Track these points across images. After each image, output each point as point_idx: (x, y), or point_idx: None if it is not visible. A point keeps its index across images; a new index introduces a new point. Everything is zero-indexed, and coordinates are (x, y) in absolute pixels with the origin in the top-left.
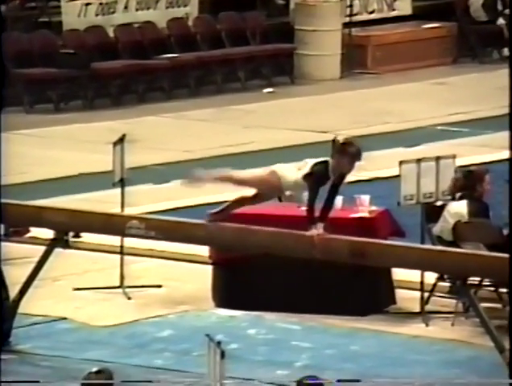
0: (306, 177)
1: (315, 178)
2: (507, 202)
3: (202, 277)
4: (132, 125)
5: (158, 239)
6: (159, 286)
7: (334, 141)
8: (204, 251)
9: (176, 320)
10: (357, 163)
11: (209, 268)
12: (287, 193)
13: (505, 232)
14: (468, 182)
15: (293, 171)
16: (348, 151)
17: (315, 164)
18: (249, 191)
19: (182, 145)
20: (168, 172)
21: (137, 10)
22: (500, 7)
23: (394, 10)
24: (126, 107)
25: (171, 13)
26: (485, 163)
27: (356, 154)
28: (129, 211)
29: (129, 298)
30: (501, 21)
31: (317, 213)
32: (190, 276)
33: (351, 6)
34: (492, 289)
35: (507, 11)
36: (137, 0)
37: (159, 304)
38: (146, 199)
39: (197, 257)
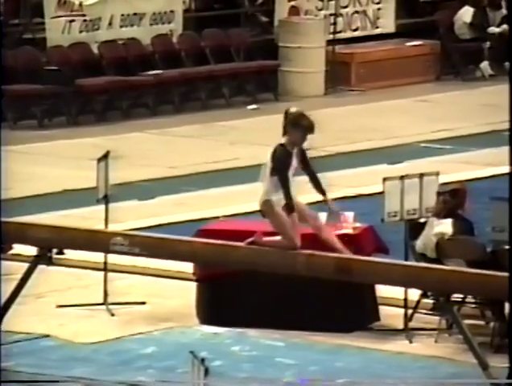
0: (273, 169)
1: (278, 164)
2: (491, 219)
3: (186, 294)
4: (116, 141)
5: (142, 255)
6: (143, 303)
7: (286, 113)
8: (188, 267)
9: (160, 337)
10: (309, 136)
11: (193, 285)
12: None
13: (489, 249)
14: (457, 200)
15: None
16: (300, 124)
17: (274, 151)
18: None
19: (166, 162)
20: (153, 188)
21: (121, 26)
22: (487, 24)
23: (377, 27)
24: (111, 123)
25: (156, 29)
26: (468, 180)
27: (308, 127)
28: (113, 227)
29: (112, 315)
30: (494, 29)
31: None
32: (174, 292)
33: (335, 23)
34: (475, 306)
35: (491, 29)
36: (121, 17)
37: (143, 321)
38: (130, 216)
39: (181, 274)
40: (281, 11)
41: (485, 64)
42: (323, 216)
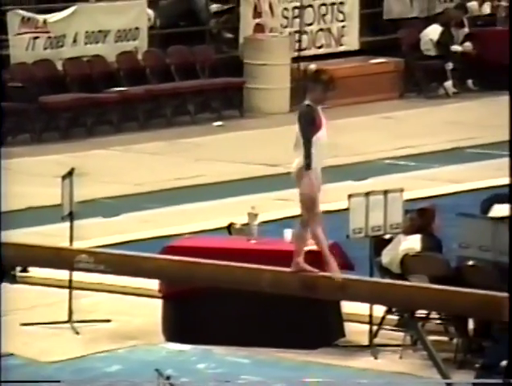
0: (299, 125)
1: (303, 121)
2: (459, 235)
3: (151, 311)
4: (81, 158)
5: (108, 272)
6: (108, 321)
7: (306, 71)
8: (153, 284)
9: (125, 355)
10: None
11: (159, 302)
12: (237, 226)
13: (453, 264)
14: (424, 220)
15: None
16: (320, 79)
17: (299, 112)
18: None
19: (131, 179)
20: (118, 205)
21: (86, 43)
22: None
23: (341, 45)
24: (75, 140)
25: (121, 47)
26: (432, 197)
27: (328, 81)
28: (78, 244)
29: (77, 333)
30: (456, 47)
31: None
32: (139, 310)
33: (299, 40)
34: (439, 322)
35: (454, 47)
36: (86, 34)
37: (108, 339)
38: (95, 233)
39: (147, 291)
40: (246, 28)
41: (448, 83)
42: (288, 233)
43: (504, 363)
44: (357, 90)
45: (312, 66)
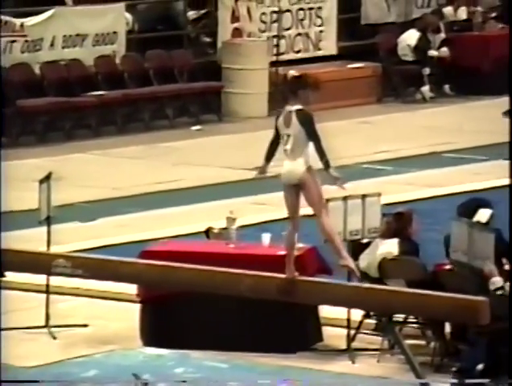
0: (308, 133)
1: (312, 123)
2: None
3: (129, 316)
4: (58, 162)
5: (85, 277)
6: (85, 325)
7: (288, 76)
8: (131, 289)
9: (102, 359)
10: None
11: (137, 307)
12: (215, 230)
13: (430, 269)
14: (401, 224)
15: None
16: (309, 83)
17: (299, 117)
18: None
19: (109, 183)
20: (95, 210)
21: (63, 47)
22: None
23: (319, 49)
24: (52, 144)
25: (98, 50)
26: (409, 201)
27: (315, 84)
28: (55, 249)
29: (54, 338)
30: (433, 52)
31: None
32: (117, 314)
33: (277, 45)
34: (416, 326)
35: (431, 52)
36: (63, 38)
37: (85, 343)
38: (72, 237)
39: (125, 295)
40: (224, 33)
41: (425, 88)
42: (267, 238)
43: (480, 366)
44: (335, 95)
45: (294, 72)
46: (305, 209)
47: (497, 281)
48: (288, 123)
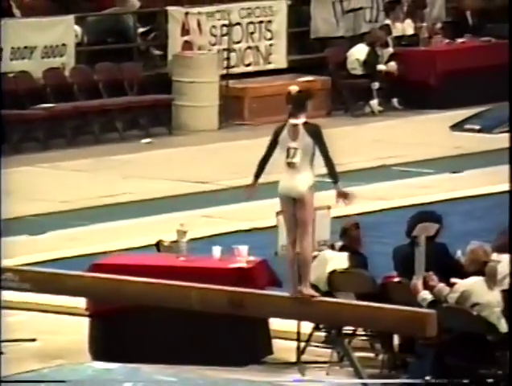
0: (317, 142)
1: (320, 132)
2: (384, 252)
3: (78, 330)
4: (7, 175)
5: (33, 291)
6: (34, 340)
7: (290, 93)
8: (80, 303)
9: (51, 374)
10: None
11: (85, 321)
12: (166, 243)
13: (379, 281)
14: (346, 239)
15: None
16: (311, 95)
17: (311, 131)
18: None
19: (58, 196)
20: (44, 223)
21: (11, 59)
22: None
23: (269, 63)
24: (1, 157)
25: (47, 63)
26: (358, 214)
27: (313, 96)
28: (3, 262)
29: (1, 353)
30: (381, 67)
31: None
32: (66, 328)
33: (228, 58)
34: (365, 338)
35: (379, 67)
36: (11, 50)
37: (33, 358)
38: (20, 251)
39: (73, 309)
40: (174, 46)
41: (374, 102)
42: (217, 251)
43: (427, 378)
44: (285, 108)
45: (295, 87)
46: (253, 222)
47: (424, 294)
48: (295, 136)
